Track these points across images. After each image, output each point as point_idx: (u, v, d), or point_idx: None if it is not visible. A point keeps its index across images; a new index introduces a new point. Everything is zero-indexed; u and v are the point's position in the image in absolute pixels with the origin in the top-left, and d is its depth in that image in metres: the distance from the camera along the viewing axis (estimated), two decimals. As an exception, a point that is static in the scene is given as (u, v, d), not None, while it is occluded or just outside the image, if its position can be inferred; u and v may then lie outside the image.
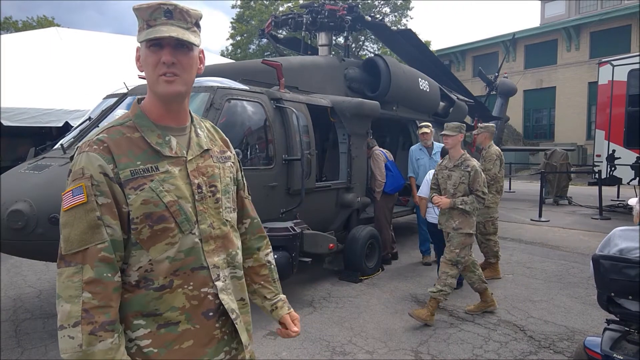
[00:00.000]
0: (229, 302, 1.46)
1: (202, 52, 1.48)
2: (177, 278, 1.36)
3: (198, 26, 1.43)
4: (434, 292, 4.45)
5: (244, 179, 1.72)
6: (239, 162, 1.69)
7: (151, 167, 1.35)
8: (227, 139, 1.66)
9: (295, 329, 1.74)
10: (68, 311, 1.21)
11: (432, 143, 6.77)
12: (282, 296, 1.80)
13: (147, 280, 1.33)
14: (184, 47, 1.37)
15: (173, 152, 1.41)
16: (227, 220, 1.51)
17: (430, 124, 6.94)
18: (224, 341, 1.46)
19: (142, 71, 1.42)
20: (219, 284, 1.44)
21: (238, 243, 1.57)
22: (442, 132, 4.72)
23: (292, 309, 1.80)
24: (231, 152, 1.63)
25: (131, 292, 1.33)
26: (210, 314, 1.42)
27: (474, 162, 4.57)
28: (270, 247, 1.82)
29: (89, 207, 1.27)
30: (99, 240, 1.26)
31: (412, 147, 6.96)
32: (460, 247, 4.50)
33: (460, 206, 4.45)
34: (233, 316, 1.46)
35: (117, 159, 1.32)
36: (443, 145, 6.51)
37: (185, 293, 1.37)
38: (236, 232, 1.58)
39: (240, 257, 1.57)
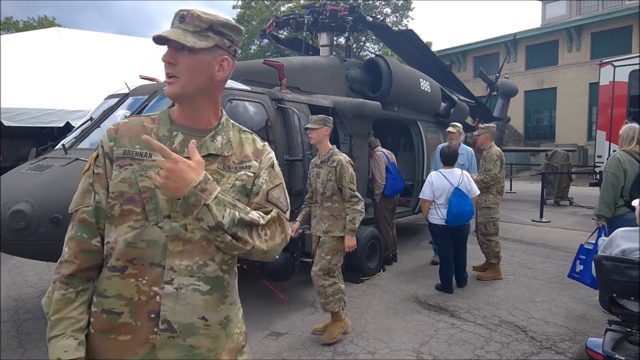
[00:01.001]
0: (170, 311, 1.33)
1: (225, 59, 1.44)
2: (132, 267, 1.34)
3: (214, 31, 1.40)
4: (325, 305, 4.15)
5: (267, 184, 1.53)
6: (266, 170, 1.55)
7: (146, 152, 1.41)
8: (263, 150, 1.57)
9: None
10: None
11: (460, 143, 6.74)
12: None
13: (108, 257, 1.38)
14: (184, 49, 1.37)
15: (172, 147, 1.41)
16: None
17: (458, 124, 6.83)
18: (154, 349, 1.34)
19: None
20: (167, 287, 1.33)
21: (219, 256, 1.41)
22: (306, 126, 4.33)
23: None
24: (256, 162, 1.52)
25: (103, 267, 1.40)
26: (152, 315, 1.33)
27: (341, 157, 4.13)
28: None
29: (88, 174, 1.44)
30: (85, 203, 1.40)
31: (439, 146, 6.87)
32: (331, 252, 4.13)
33: (350, 227, 4.06)
34: (162, 327, 1.32)
35: (119, 139, 1.43)
36: (468, 147, 6.56)
37: (137, 285, 1.33)
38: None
39: (213, 271, 1.40)
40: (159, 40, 1.37)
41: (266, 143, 1.63)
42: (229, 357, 1.45)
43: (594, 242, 4.30)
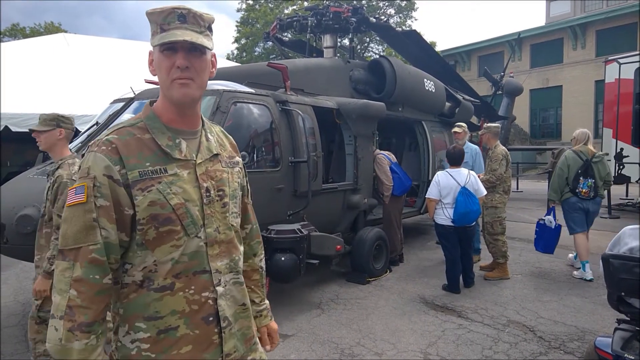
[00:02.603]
0: (226, 308, 1.45)
1: (214, 55, 1.49)
2: (178, 281, 1.36)
3: (211, 30, 1.44)
4: None
5: (248, 184, 1.74)
6: (244, 168, 1.71)
7: (160, 169, 1.36)
8: (235, 144, 1.68)
9: (268, 347, 1.81)
10: (57, 303, 1.25)
11: (465, 143, 6.75)
12: (267, 303, 1.85)
13: (149, 280, 1.34)
14: (197, 50, 1.38)
15: (182, 155, 1.41)
16: (232, 225, 1.52)
17: (463, 124, 6.91)
18: (221, 346, 1.45)
19: (154, 75, 1.42)
20: (219, 289, 1.43)
21: (241, 248, 1.58)
22: (31, 127, 3.43)
23: (272, 319, 1.87)
24: (239, 158, 1.65)
25: (135, 292, 1.34)
26: (210, 318, 1.41)
27: (69, 171, 3.11)
28: (264, 252, 1.86)
29: (87, 208, 1.28)
30: (91, 241, 1.28)
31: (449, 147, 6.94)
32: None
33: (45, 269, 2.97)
34: (224, 324, 1.44)
35: (125, 160, 1.32)
36: (475, 146, 6.59)
37: (186, 297, 1.37)
38: (239, 237, 1.59)
39: (242, 262, 1.58)
40: (176, 44, 1.34)
41: None
42: (255, 332, 1.63)
43: (545, 218, 5.95)
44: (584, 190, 5.76)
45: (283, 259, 4.55)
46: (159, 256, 1.34)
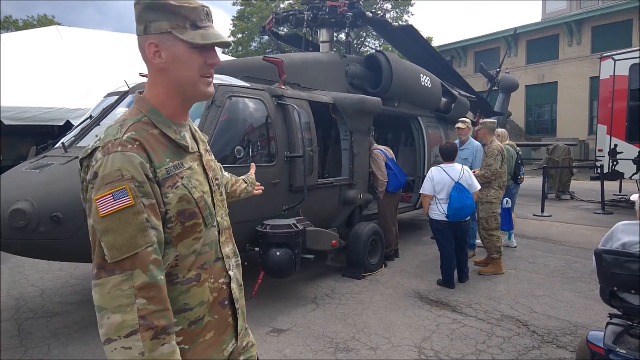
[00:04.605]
0: (237, 290, 1.53)
1: None
2: (204, 272, 1.40)
3: None
4: None
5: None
6: None
7: (178, 163, 1.36)
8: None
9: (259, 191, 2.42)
10: (119, 322, 1.14)
11: (469, 138, 6.76)
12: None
13: (171, 275, 1.33)
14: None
15: (189, 147, 1.43)
16: (227, 210, 1.60)
17: (467, 120, 6.91)
18: (234, 327, 1.52)
19: (162, 67, 1.35)
20: (231, 273, 1.51)
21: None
22: None
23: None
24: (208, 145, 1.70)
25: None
26: (226, 302, 1.48)
27: None
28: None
29: (137, 210, 1.20)
30: (148, 243, 1.21)
31: (442, 142, 6.98)
32: None
33: None
34: (237, 305, 1.52)
35: (152, 157, 1.28)
36: (477, 142, 6.61)
37: (210, 286, 1.42)
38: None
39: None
40: (218, 44, 1.37)
41: None
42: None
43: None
44: (522, 176, 7.26)
45: (278, 253, 4.55)
46: (182, 250, 1.34)
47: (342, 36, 8.69)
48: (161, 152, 1.32)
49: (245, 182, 2.25)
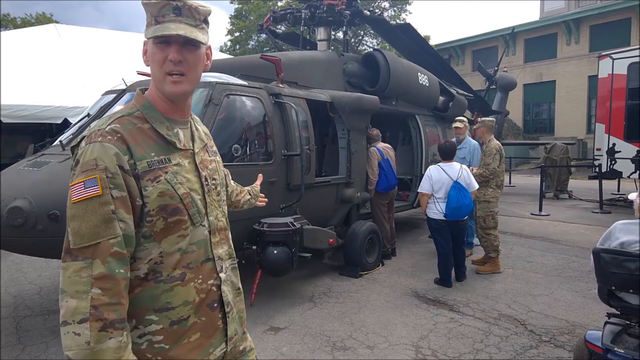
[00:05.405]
0: (228, 294, 1.51)
1: (209, 48, 1.49)
2: (189, 271, 1.38)
3: (207, 23, 1.44)
4: None
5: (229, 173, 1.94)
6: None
7: (164, 158, 1.37)
8: (209, 134, 1.71)
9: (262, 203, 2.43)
10: (74, 307, 1.17)
11: (466, 137, 6.77)
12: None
13: (155, 272, 1.33)
14: (191, 45, 1.37)
15: (182, 144, 1.43)
16: (225, 211, 1.58)
17: (464, 118, 6.94)
18: (224, 331, 1.49)
19: (148, 66, 1.41)
20: (222, 275, 1.48)
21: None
22: None
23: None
24: (215, 147, 1.69)
25: (141, 286, 1.32)
26: (215, 305, 1.45)
27: None
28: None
29: (103, 200, 1.22)
30: (111, 234, 1.22)
31: (441, 141, 6.99)
32: None
33: None
34: (227, 309, 1.49)
35: (133, 150, 1.30)
36: (474, 141, 6.63)
37: (196, 287, 1.40)
38: (229, 223, 1.65)
39: (233, 248, 1.63)
40: (170, 37, 1.33)
41: None
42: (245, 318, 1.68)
43: None
44: None
45: (275, 252, 4.55)
46: (166, 247, 1.34)
47: (340, 35, 8.67)
48: (146, 146, 1.33)
49: (250, 194, 2.24)
